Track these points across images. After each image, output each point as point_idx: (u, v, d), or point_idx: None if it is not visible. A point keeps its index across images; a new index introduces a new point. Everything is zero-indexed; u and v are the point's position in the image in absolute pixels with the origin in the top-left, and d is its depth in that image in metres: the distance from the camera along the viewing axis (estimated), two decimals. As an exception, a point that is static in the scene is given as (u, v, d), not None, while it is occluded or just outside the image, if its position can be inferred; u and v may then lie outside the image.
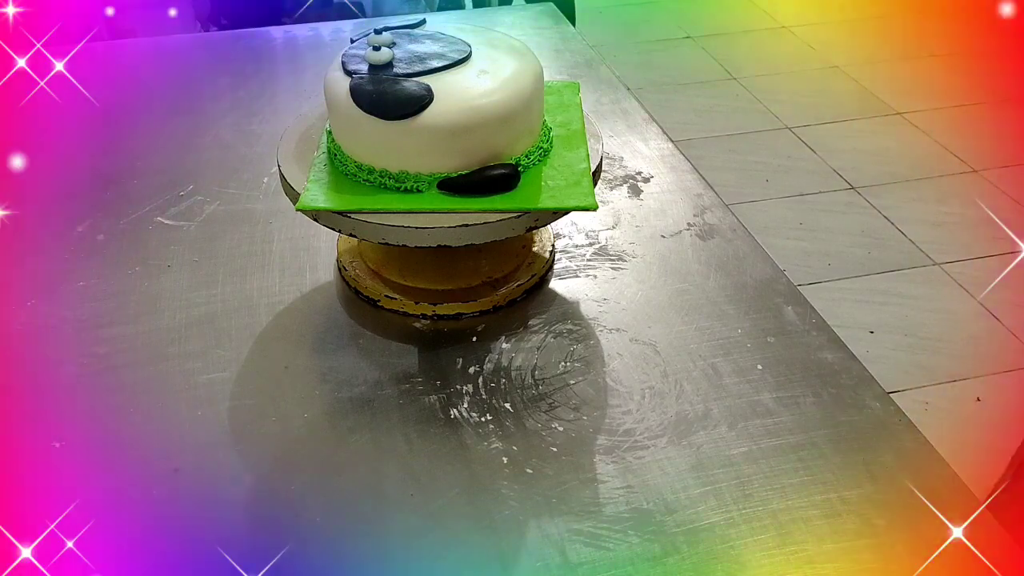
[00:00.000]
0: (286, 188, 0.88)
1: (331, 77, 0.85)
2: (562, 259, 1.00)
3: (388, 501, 0.73)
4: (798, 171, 2.74)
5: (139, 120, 1.29)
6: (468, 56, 0.85)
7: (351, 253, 0.97)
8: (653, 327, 0.90)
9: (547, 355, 0.87)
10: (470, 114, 0.81)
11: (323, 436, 0.79)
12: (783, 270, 1.00)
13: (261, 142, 1.21)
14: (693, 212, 1.07)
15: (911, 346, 2.08)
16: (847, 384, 0.83)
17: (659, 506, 0.72)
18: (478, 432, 0.79)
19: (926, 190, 2.64)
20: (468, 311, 0.92)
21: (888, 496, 0.70)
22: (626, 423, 0.80)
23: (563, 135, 0.92)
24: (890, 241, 2.43)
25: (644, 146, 1.21)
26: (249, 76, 1.38)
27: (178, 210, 1.08)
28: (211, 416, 0.81)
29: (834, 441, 0.77)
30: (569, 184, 0.85)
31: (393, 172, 0.83)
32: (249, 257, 1.00)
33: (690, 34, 3.63)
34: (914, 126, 2.96)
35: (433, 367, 0.86)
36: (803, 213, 2.54)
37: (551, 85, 0.99)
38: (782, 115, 3.03)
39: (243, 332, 0.90)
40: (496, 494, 0.73)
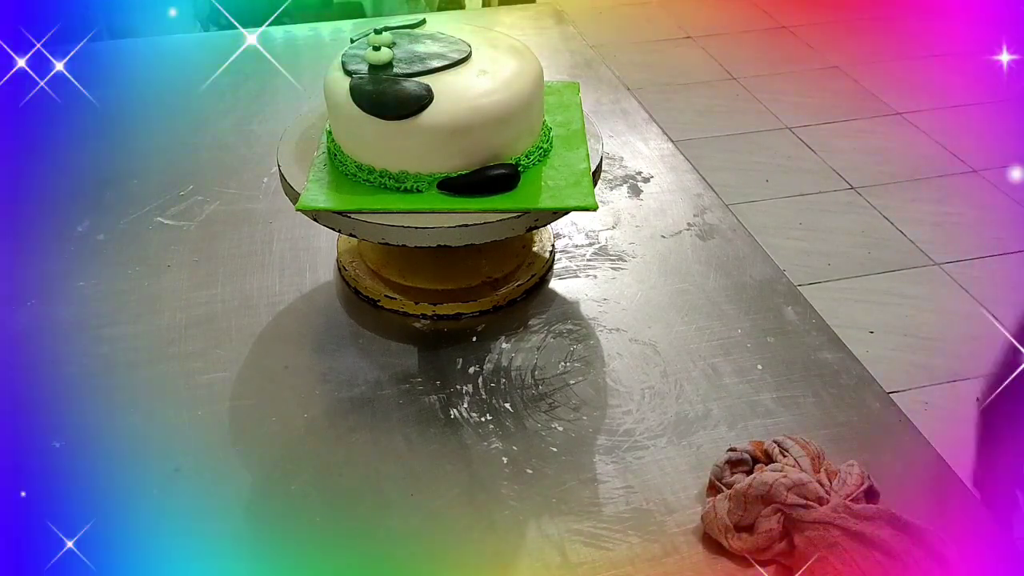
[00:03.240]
0: (286, 188, 0.88)
1: (331, 77, 0.85)
2: (562, 259, 1.00)
3: (388, 501, 0.73)
4: (798, 171, 2.74)
5: (139, 120, 1.29)
6: (468, 56, 0.85)
7: (351, 253, 0.97)
8: (653, 327, 0.90)
9: (547, 355, 0.87)
10: (470, 114, 0.81)
11: (323, 436, 0.79)
12: (783, 270, 1.00)
13: (261, 142, 1.21)
14: (693, 212, 1.07)
15: (911, 346, 2.08)
16: (847, 384, 0.83)
17: (659, 506, 0.72)
18: (478, 432, 0.79)
19: (926, 190, 2.64)
20: (468, 311, 0.92)
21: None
22: (626, 423, 0.80)
23: (563, 135, 0.92)
24: (890, 241, 2.43)
25: (644, 146, 1.21)
26: (249, 76, 1.38)
27: (178, 210, 1.08)
28: (211, 416, 0.81)
29: (834, 441, 0.77)
30: (569, 184, 0.85)
31: (393, 172, 0.83)
32: (249, 257, 1.00)
33: (690, 34, 3.63)
34: (914, 126, 2.96)
35: (433, 367, 0.86)
36: (803, 213, 2.54)
37: (551, 85, 0.99)
38: (782, 115, 3.03)
39: (243, 332, 0.90)
40: (496, 494, 0.73)
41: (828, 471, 0.70)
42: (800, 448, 0.71)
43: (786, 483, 0.66)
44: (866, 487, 0.68)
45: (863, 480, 0.68)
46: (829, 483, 0.68)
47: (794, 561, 0.66)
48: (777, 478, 0.67)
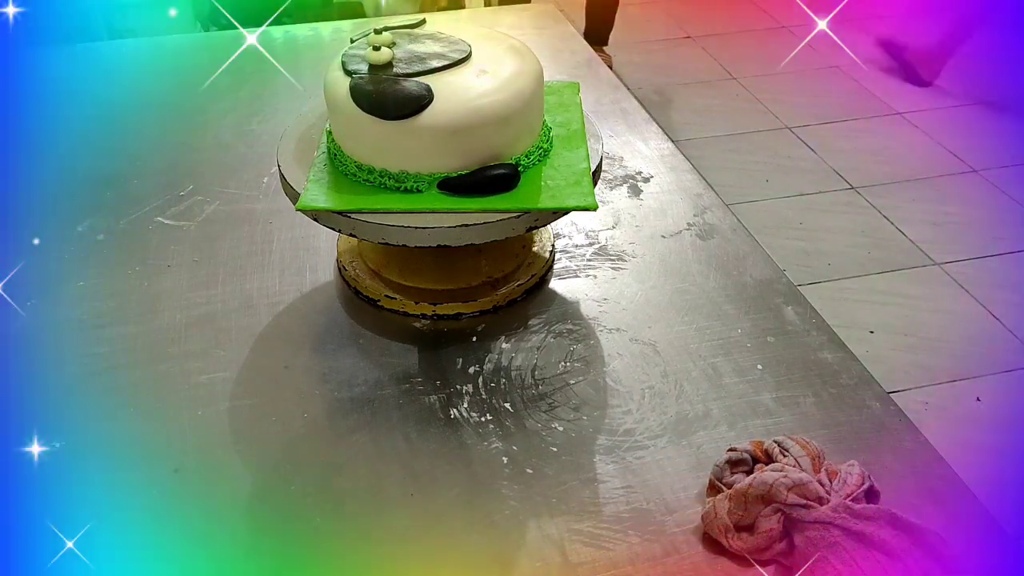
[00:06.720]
0: (286, 188, 0.88)
1: (331, 77, 0.85)
2: (562, 259, 1.00)
3: (388, 501, 0.73)
4: (798, 171, 2.74)
5: (139, 120, 1.29)
6: (468, 56, 0.85)
7: (351, 253, 0.97)
8: (653, 327, 0.90)
9: (547, 355, 0.87)
10: (470, 114, 0.81)
11: (323, 436, 0.79)
12: (783, 270, 1.00)
13: (261, 142, 1.21)
14: (693, 212, 1.07)
15: (911, 346, 2.08)
16: (847, 384, 0.83)
17: (659, 506, 0.72)
18: (478, 432, 0.79)
19: (926, 190, 2.64)
20: (468, 311, 0.92)
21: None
22: (626, 423, 0.80)
23: (563, 135, 0.92)
24: (890, 241, 2.43)
25: (644, 146, 1.21)
26: (249, 76, 1.38)
27: (178, 210, 1.08)
28: (211, 416, 0.81)
29: (834, 441, 0.77)
30: (569, 184, 0.85)
31: (393, 172, 0.83)
32: (249, 257, 1.00)
33: (690, 34, 3.63)
34: (914, 126, 2.96)
35: (433, 367, 0.86)
36: (803, 213, 2.54)
37: (551, 85, 0.99)
38: (782, 115, 3.03)
39: (243, 332, 0.90)
40: (496, 494, 0.73)
41: (828, 471, 0.70)
42: (800, 448, 0.71)
43: (786, 483, 0.66)
44: (866, 487, 0.68)
45: (863, 480, 0.68)
46: (829, 483, 0.68)
47: (794, 561, 0.66)
48: (777, 478, 0.67)
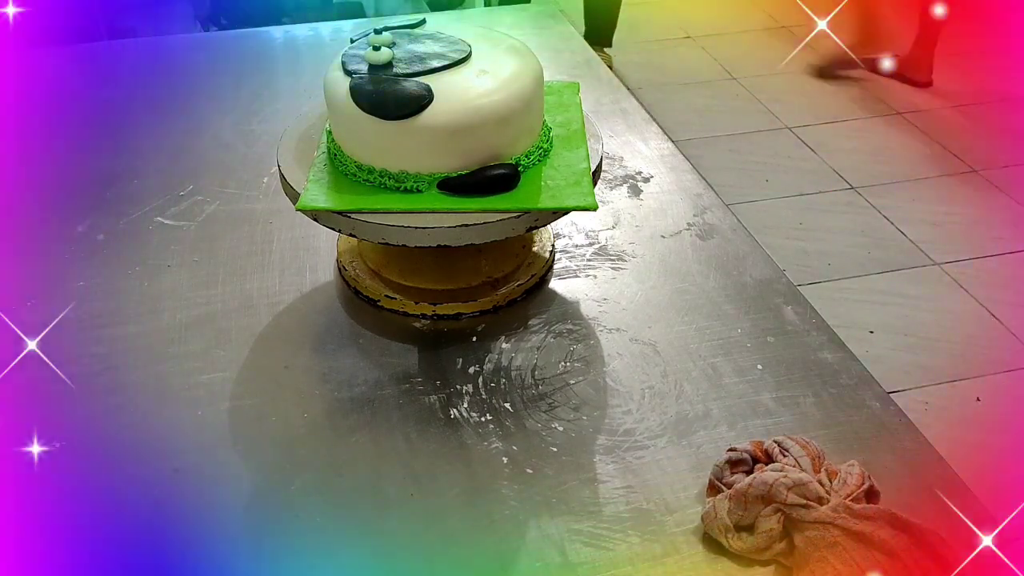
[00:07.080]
0: (286, 188, 0.88)
1: (331, 77, 0.85)
2: (562, 259, 1.00)
3: (388, 501, 0.73)
4: (798, 171, 2.74)
5: (139, 120, 1.29)
6: (468, 56, 0.85)
7: (351, 253, 0.97)
8: (653, 327, 0.90)
9: (547, 355, 0.87)
10: (470, 114, 0.81)
11: (323, 436, 0.79)
12: (783, 270, 1.00)
13: (261, 142, 1.21)
14: (693, 212, 1.07)
15: (911, 346, 2.08)
16: (847, 384, 0.83)
17: (659, 506, 0.72)
18: (478, 432, 0.79)
19: (926, 190, 2.64)
20: (468, 311, 0.92)
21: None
22: (626, 423, 0.80)
23: (563, 135, 0.92)
24: (890, 241, 2.43)
25: (644, 146, 1.21)
26: (249, 76, 1.38)
27: (178, 210, 1.08)
28: (211, 416, 0.81)
29: (834, 441, 0.77)
30: (569, 184, 0.85)
31: (393, 172, 0.83)
32: (249, 257, 1.00)
33: (690, 34, 3.63)
34: (914, 126, 2.96)
35: (433, 367, 0.86)
36: (803, 213, 2.54)
37: (551, 85, 0.99)
38: (782, 115, 3.03)
39: (243, 332, 0.90)
40: (496, 494, 0.73)
41: (828, 471, 0.70)
42: (800, 448, 0.71)
43: (786, 483, 0.66)
44: (866, 487, 0.68)
45: (863, 480, 0.68)
46: (829, 483, 0.68)
47: (794, 561, 0.66)
48: (777, 478, 0.67)
